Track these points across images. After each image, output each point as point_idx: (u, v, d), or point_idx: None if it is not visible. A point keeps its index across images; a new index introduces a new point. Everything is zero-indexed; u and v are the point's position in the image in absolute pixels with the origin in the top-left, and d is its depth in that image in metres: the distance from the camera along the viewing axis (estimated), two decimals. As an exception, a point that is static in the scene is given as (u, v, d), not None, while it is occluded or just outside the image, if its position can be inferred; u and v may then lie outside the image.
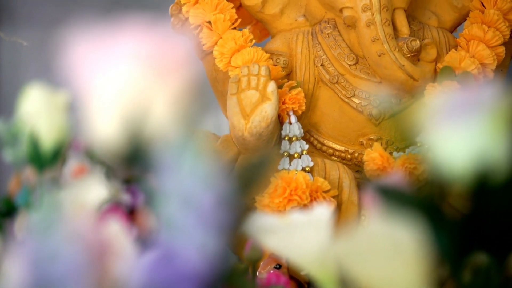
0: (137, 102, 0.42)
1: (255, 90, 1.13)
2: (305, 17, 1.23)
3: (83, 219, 0.43)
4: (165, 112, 0.42)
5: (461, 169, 0.45)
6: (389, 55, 1.15)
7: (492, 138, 0.44)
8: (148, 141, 0.41)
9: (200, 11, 1.20)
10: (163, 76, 0.41)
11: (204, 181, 0.42)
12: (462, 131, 0.45)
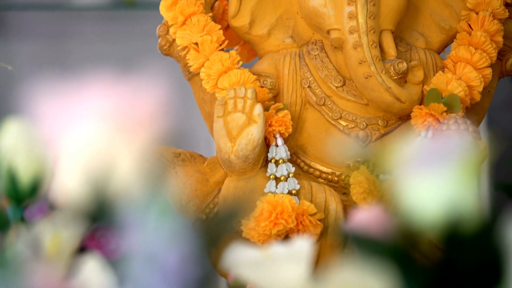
0: (102, 158, 0.42)
1: (241, 113, 1.13)
2: (293, 38, 1.23)
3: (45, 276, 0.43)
4: (130, 169, 0.42)
5: (432, 218, 0.45)
6: (376, 77, 1.15)
7: (462, 188, 0.44)
8: (112, 198, 0.41)
9: (187, 32, 1.20)
10: (128, 132, 0.40)
11: (169, 239, 0.41)
12: (433, 181, 0.45)
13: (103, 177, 0.42)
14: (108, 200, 0.41)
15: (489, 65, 1.19)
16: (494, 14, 1.21)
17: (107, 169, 0.42)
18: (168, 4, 1.21)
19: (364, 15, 1.16)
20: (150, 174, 0.43)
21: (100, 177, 0.42)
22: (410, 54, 1.22)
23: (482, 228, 0.44)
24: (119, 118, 0.41)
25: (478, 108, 1.24)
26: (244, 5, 1.22)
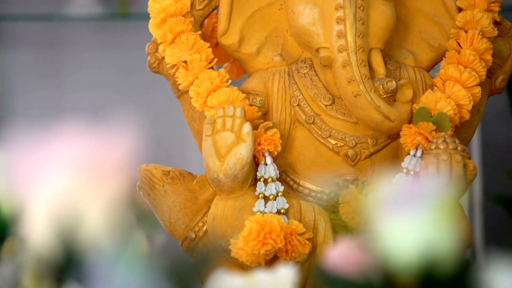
0: (71, 208, 0.42)
1: (230, 132, 1.13)
2: (282, 56, 1.23)
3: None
4: (99, 218, 0.41)
5: (408, 260, 0.45)
6: (365, 96, 1.15)
7: (439, 231, 0.44)
8: (81, 248, 0.41)
9: (176, 50, 1.19)
10: (98, 181, 0.40)
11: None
12: (410, 222, 0.45)
13: (72, 226, 0.42)
14: (76, 250, 0.41)
15: (478, 84, 1.19)
16: (483, 33, 1.21)
17: (76, 219, 0.42)
18: (157, 22, 1.21)
19: (353, 33, 1.16)
20: (119, 223, 0.43)
21: (69, 228, 0.42)
22: (400, 72, 1.22)
23: (457, 271, 0.44)
24: (89, 168, 0.41)
25: (468, 126, 1.24)
26: (233, 23, 1.22)
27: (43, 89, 2.64)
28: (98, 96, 2.64)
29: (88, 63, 2.61)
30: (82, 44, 2.61)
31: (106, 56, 2.58)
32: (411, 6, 1.25)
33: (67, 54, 2.61)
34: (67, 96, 2.64)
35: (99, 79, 2.61)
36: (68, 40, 2.61)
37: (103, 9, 2.50)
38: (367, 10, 1.18)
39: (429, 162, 1.12)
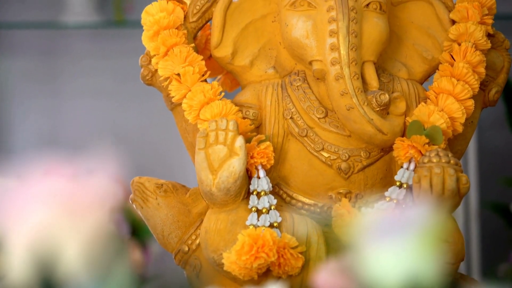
0: (50, 243, 0.41)
1: (223, 145, 1.13)
2: (275, 68, 1.23)
3: None
4: (78, 253, 0.41)
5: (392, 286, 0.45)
6: (358, 109, 1.15)
7: (422, 259, 0.44)
8: (59, 283, 0.41)
9: (169, 63, 1.19)
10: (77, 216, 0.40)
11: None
12: (394, 251, 0.45)
13: (50, 261, 0.42)
14: (55, 284, 0.41)
15: (471, 97, 1.19)
16: (477, 45, 1.20)
17: (55, 253, 0.42)
18: (150, 34, 1.21)
19: (346, 47, 1.16)
20: (99, 257, 0.42)
21: (48, 261, 0.42)
22: (393, 84, 1.22)
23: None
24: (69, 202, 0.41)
25: (461, 139, 1.24)
26: (227, 35, 1.22)
27: (41, 96, 2.64)
28: (95, 102, 2.64)
29: (85, 70, 2.61)
30: (79, 52, 2.61)
31: (103, 63, 2.59)
32: (404, 18, 1.25)
33: (64, 61, 2.61)
34: (65, 102, 2.64)
35: (96, 86, 2.61)
36: (65, 48, 2.62)
37: (99, 16, 2.50)
38: (360, 23, 1.18)
39: (422, 175, 1.12)
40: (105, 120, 2.63)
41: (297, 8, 1.20)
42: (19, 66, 2.63)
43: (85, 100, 2.63)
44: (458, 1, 1.24)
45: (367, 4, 1.20)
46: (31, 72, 2.62)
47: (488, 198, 2.43)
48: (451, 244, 1.12)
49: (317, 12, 1.19)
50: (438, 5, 1.24)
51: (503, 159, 2.52)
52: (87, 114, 2.63)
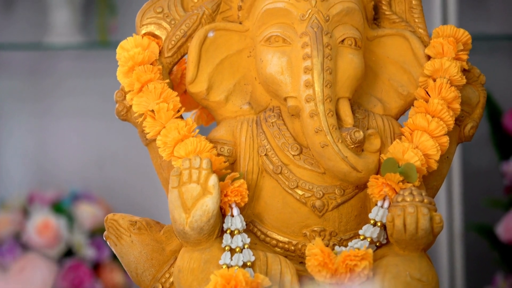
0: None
1: (196, 184, 1.13)
2: (250, 104, 1.22)
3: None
4: None
5: None
6: (332, 147, 1.15)
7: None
8: None
9: (143, 99, 1.19)
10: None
11: None
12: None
13: None
14: None
15: (446, 133, 1.19)
16: (452, 81, 1.20)
17: None
18: (125, 70, 1.21)
19: (321, 83, 1.16)
20: None
21: None
22: (368, 121, 1.21)
23: None
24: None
25: (437, 175, 1.23)
26: (202, 71, 1.22)
27: (26, 116, 2.63)
28: (80, 122, 2.63)
29: (70, 90, 2.60)
30: (64, 72, 2.60)
31: (87, 83, 2.58)
32: (380, 53, 1.25)
33: (50, 81, 2.60)
34: (50, 122, 2.64)
35: (81, 106, 2.60)
36: (50, 68, 2.61)
37: (84, 37, 2.50)
38: (335, 59, 1.18)
39: (395, 214, 1.12)
40: (90, 139, 2.63)
41: (272, 44, 1.20)
42: (5, 87, 2.62)
43: (70, 119, 2.62)
44: (434, 36, 1.24)
45: (342, 40, 1.19)
46: (16, 92, 2.62)
47: (473, 220, 2.43)
48: (424, 284, 1.12)
49: (292, 48, 1.19)
50: (414, 40, 1.24)
51: (488, 179, 2.52)
52: (72, 134, 2.63)
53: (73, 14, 2.46)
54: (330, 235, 1.18)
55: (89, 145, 2.63)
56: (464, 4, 2.52)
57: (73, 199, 2.35)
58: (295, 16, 1.19)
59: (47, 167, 2.64)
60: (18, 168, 2.64)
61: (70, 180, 2.57)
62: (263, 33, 1.21)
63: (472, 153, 2.46)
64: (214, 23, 1.24)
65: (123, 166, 2.60)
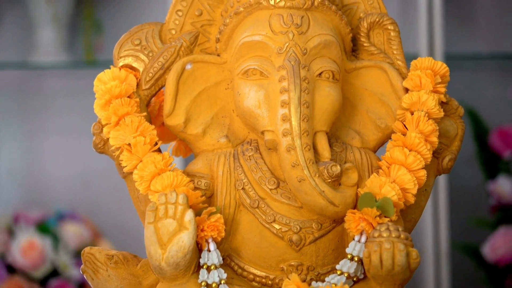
0: None
1: (172, 219, 1.12)
2: (228, 137, 1.22)
3: None
4: None
5: None
6: (309, 181, 1.15)
7: None
8: None
9: (120, 133, 1.19)
10: None
11: None
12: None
13: None
14: None
15: (424, 167, 1.18)
16: (429, 114, 1.20)
17: None
18: (102, 103, 1.20)
19: (298, 118, 1.16)
20: None
21: None
22: (346, 154, 1.21)
23: None
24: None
25: (415, 208, 1.23)
26: (179, 104, 1.22)
27: (13, 134, 2.62)
28: (67, 140, 2.63)
29: (57, 109, 2.60)
30: (51, 91, 2.60)
31: (74, 102, 2.57)
32: (358, 85, 1.25)
33: (36, 100, 2.60)
34: (37, 140, 2.63)
35: (68, 124, 2.60)
36: (37, 87, 2.61)
37: (70, 56, 2.49)
38: (312, 93, 1.18)
39: (372, 250, 1.11)
40: (76, 158, 2.62)
41: (250, 77, 1.20)
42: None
43: (56, 138, 2.62)
44: (412, 69, 1.23)
45: (320, 73, 1.19)
46: (2, 111, 2.61)
47: (459, 239, 2.43)
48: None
49: (269, 82, 1.19)
50: (392, 72, 1.23)
51: (474, 198, 2.52)
52: (59, 152, 2.62)
53: (58, 33, 2.46)
54: (307, 270, 1.17)
55: (76, 164, 2.63)
56: (450, 22, 2.52)
57: (59, 219, 2.35)
58: (272, 49, 1.19)
59: (34, 185, 2.63)
60: (4, 187, 2.63)
61: (57, 198, 2.57)
62: (241, 66, 1.20)
63: (459, 172, 2.46)
64: (192, 55, 1.24)
65: (109, 185, 2.59)
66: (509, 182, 2.30)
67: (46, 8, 2.43)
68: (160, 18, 1.29)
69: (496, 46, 2.61)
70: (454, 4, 2.58)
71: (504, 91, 2.51)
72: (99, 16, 2.52)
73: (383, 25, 1.26)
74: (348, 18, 1.26)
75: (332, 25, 1.22)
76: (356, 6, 1.28)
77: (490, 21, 2.63)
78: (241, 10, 1.22)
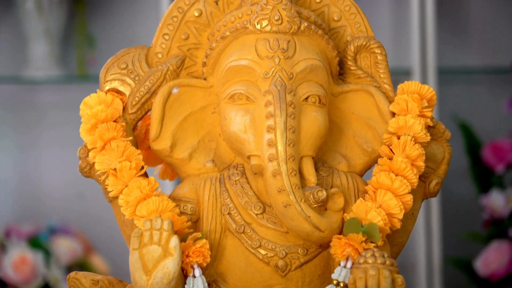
0: None
1: (157, 245, 1.12)
2: (214, 162, 1.22)
3: None
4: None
5: None
6: (295, 207, 1.14)
7: None
8: None
9: (106, 157, 1.18)
10: None
11: None
12: None
13: None
14: None
15: (410, 192, 1.18)
16: (416, 138, 1.20)
17: None
18: (88, 128, 1.20)
19: (284, 143, 1.16)
20: None
21: None
22: (332, 178, 1.21)
23: None
24: None
25: (402, 232, 1.23)
26: (166, 128, 1.22)
27: (7, 148, 2.62)
28: (61, 153, 2.62)
29: (50, 123, 2.59)
30: (44, 105, 2.59)
31: (67, 116, 2.57)
32: (345, 109, 1.25)
33: (30, 114, 2.59)
34: (31, 154, 2.63)
35: (61, 138, 2.59)
36: (30, 101, 2.61)
37: (62, 71, 2.49)
38: (298, 118, 1.18)
39: (357, 277, 1.11)
40: (69, 172, 2.61)
41: (236, 101, 1.20)
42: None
43: (49, 152, 2.61)
44: (398, 92, 1.23)
45: (306, 98, 1.19)
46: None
47: (452, 253, 2.43)
48: None
49: (255, 107, 1.18)
50: (379, 96, 1.23)
51: (467, 212, 2.52)
52: (52, 166, 2.62)
53: (51, 47, 2.46)
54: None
55: (69, 177, 2.62)
56: (443, 36, 2.52)
57: (51, 233, 2.34)
58: (258, 74, 1.19)
59: (27, 199, 2.63)
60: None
61: (50, 212, 2.56)
62: (227, 90, 1.20)
63: (451, 186, 2.45)
64: (178, 79, 1.24)
65: (103, 199, 2.58)
66: (502, 196, 2.30)
67: (39, 22, 2.43)
68: (153, 32, 1.28)
69: (488, 60, 2.61)
70: (446, 18, 2.58)
71: (497, 105, 2.51)
72: (92, 30, 2.52)
73: (370, 48, 1.26)
74: (335, 42, 1.26)
75: (319, 49, 1.22)
76: (343, 29, 1.28)
77: (482, 35, 2.63)
78: (228, 34, 1.22)
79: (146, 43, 1.30)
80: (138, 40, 2.51)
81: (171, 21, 1.26)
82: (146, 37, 2.34)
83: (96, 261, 2.38)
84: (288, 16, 1.20)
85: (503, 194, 2.30)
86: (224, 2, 1.26)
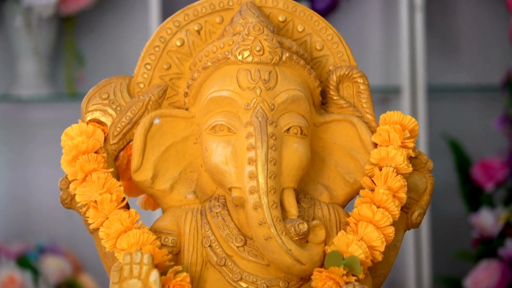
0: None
1: (137, 279, 1.11)
2: (195, 193, 1.21)
3: None
4: None
5: None
6: (276, 240, 1.14)
7: None
8: None
9: (87, 189, 1.18)
10: None
11: None
12: None
13: None
14: None
15: (391, 224, 1.18)
16: (398, 169, 1.19)
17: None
18: (69, 159, 1.20)
19: (265, 175, 1.15)
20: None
21: None
22: (314, 210, 1.20)
23: None
24: None
25: (384, 263, 1.22)
26: (147, 159, 1.21)
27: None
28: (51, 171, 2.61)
29: (39, 141, 2.59)
30: (33, 123, 2.59)
31: (56, 134, 2.56)
32: (327, 139, 1.24)
33: (19, 133, 2.59)
34: (20, 172, 2.62)
35: (52, 156, 2.58)
36: (19, 120, 2.60)
37: (51, 89, 2.48)
38: (279, 150, 1.17)
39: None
40: (58, 190, 2.60)
41: (217, 132, 1.19)
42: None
43: (38, 170, 2.60)
44: (381, 123, 1.23)
45: (288, 129, 1.19)
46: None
47: (441, 271, 2.42)
48: None
49: (236, 138, 1.18)
50: (361, 126, 1.23)
51: (456, 231, 2.51)
52: (41, 184, 2.61)
53: (40, 65, 2.45)
54: (274, 329, 1.17)
55: (57, 196, 2.61)
56: (433, 54, 2.52)
57: (39, 252, 2.34)
58: (240, 105, 1.18)
59: (17, 217, 2.62)
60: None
61: (40, 230, 2.55)
62: (208, 121, 1.20)
63: (441, 204, 2.45)
64: (160, 110, 1.23)
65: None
66: (492, 215, 2.29)
67: (27, 40, 2.42)
68: (142, 50, 1.27)
69: (478, 78, 2.61)
70: (436, 36, 2.58)
71: (486, 122, 2.51)
72: (81, 48, 2.51)
73: (352, 78, 1.26)
74: (317, 71, 1.26)
75: (301, 79, 1.22)
76: (325, 59, 1.27)
77: (472, 53, 2.63)
78: (209, 64, 1.21)
79: (135, 61, 1.30)
80: (127, 58, 2.51)
81: (153, 51, 1.26)
82: (135, 55, 2.32)
83: (85, 280, 2.37)
84: (270, 47, 1.20)
85: (493, 212, 2.29)
86: (206, 31, 1.26)
